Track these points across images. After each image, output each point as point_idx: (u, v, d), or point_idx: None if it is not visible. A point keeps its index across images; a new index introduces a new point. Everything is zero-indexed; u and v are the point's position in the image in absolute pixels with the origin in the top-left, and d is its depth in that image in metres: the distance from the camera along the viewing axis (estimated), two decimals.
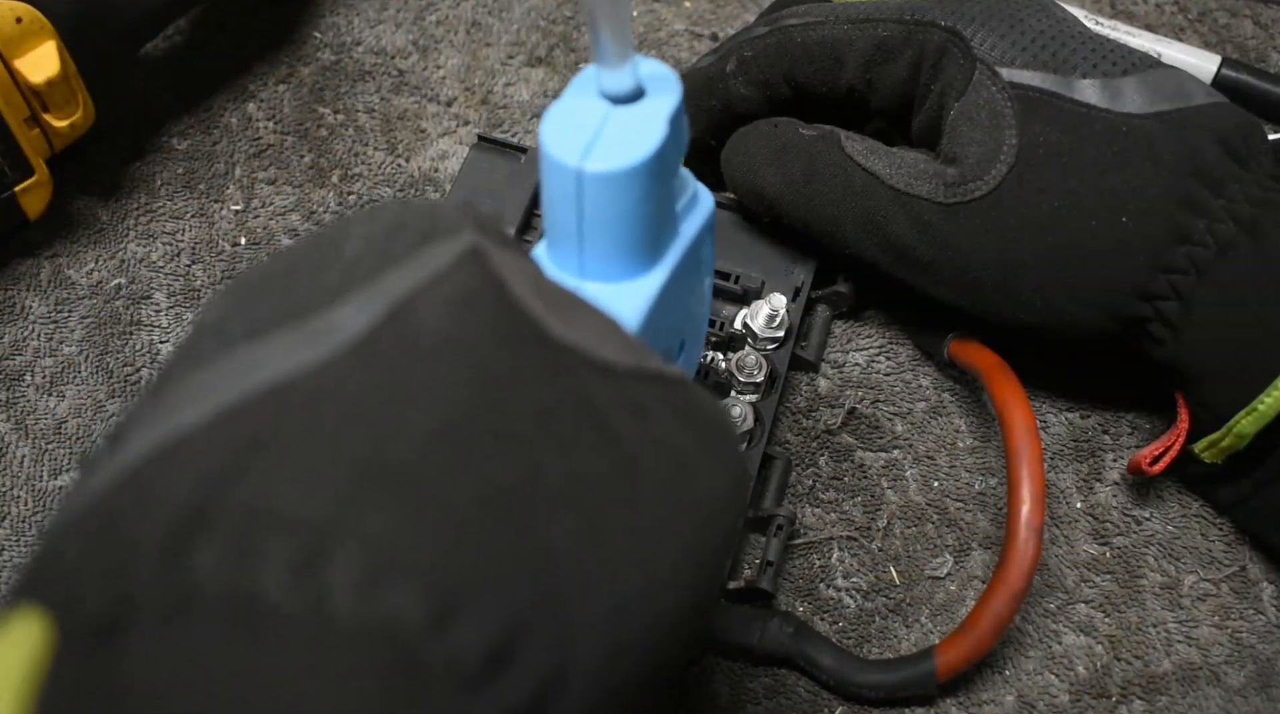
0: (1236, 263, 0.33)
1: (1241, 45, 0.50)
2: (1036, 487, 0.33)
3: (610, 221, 0.26)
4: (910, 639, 0.37)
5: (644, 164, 0.25)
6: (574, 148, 0.25)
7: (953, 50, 0.36)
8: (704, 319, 0.33)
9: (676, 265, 0.28)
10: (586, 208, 0.26)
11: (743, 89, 0.40)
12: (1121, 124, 0.35)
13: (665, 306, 0.28)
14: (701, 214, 0.29)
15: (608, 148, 0.25)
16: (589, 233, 0.26)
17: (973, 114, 0.36)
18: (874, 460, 0.40)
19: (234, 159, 0.45)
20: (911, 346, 0.42)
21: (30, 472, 0.39)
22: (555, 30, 0.49)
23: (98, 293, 0.42)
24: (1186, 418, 0.36)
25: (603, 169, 0.25)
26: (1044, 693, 0.36)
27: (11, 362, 0.41)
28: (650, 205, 0.26)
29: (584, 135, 0.25)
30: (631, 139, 0.25)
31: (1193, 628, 0.37)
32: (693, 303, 0.31)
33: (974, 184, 0.35)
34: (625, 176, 0.25)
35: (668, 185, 0.27)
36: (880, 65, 0.38)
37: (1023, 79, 0.35)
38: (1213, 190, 0.34)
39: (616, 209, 0.26)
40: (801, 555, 0.38)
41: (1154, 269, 0.34)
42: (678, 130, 0.26)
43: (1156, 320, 0.35)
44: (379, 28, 0.49)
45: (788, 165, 0.38)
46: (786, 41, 0.39)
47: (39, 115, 0.39)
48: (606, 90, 0.26)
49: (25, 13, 0.37)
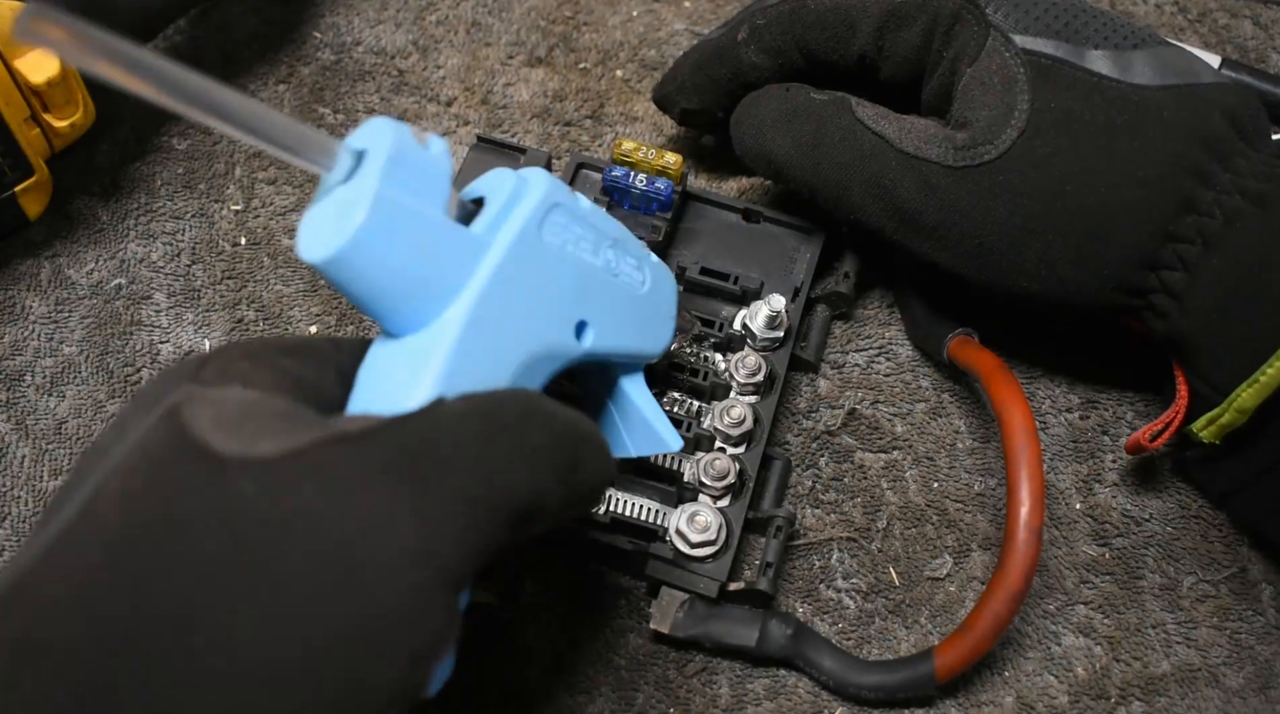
0: (1243, 234, 0.33)
1: (1241, 46, 0.50)
2: (1036, 488, 0.33)
3: (369, 291, 0.26)
4: (910, 640, 0.37)
5: (354, 239, 0.25)
6: (309, 243, 0.26)
7: (966, 16, 0.36)
8: (639, 283, 0.32)
9: (490, 279, 0.27)
10: (344, 287, 0.26)
11: (754, 57, 0.40)
12: (1132, 94, 0.35)
13: (494, 319, 0.27)
14: (529, 204, 0.28)
15: (328, 233, 0.25)
16: (365, 304, 0.27)
17: (985, 79, 0.36)
18: (874, 461, 0.40)
19: (234, 159, 0.45)
20: (911, 347, 0.42)
21: (30, 472, 0.39)
22: (555, 30, 0.49)
23: (98, 293, 0.42)
24: (1185, 393, 0.36)
25: (322, 257, 0.25)
26: (1043, 694, 0.36)
27: (12, 362, 0.41)
28: (395, 260, 0.26)
29: (319, 228, 0.26)
30: (346, 216, 0.25)
31: (1192, 629, 0.37)
32: (567, 285, 0.30)
33: (984, 148, 0.35)
34: (342, 257, 0.25)
35: (415, 228, 0.26)
36: (894, 32, 0.38)
37: (1036, 46, 0.35)
38: (1221, 163, 0.34)
39: (364, 280, 0.26)
40: (801, 556, 0.38)
41: (1161, 238, 0.34)
42: (409, 175, 0.26)
43: (1161, 291, 0.35)
44: (379, 28, 0.49)
45: (797, 128, 0.38)
46: (801, 8, 0.39)
47: (39, 115, 0.39)
48: (329, 180, 0.26)
49: None
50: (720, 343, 0.39)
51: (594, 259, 0.31)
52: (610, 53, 0.49)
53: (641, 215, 0.41)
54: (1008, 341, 0.38)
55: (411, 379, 0.26)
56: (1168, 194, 0.34)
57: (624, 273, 0.32)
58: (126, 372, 0.41)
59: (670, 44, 0.49)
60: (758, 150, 0.40)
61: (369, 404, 0.27)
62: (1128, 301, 0.36)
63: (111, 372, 0.41)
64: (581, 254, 0.30)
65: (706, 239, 0.42)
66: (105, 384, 0.40)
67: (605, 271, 0.31)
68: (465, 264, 0.27)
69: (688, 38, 0.49)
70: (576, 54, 0.49)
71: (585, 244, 0.30)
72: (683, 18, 0.50)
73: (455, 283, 0.27)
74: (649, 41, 0.49)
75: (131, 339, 0.41)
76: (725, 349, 0.40)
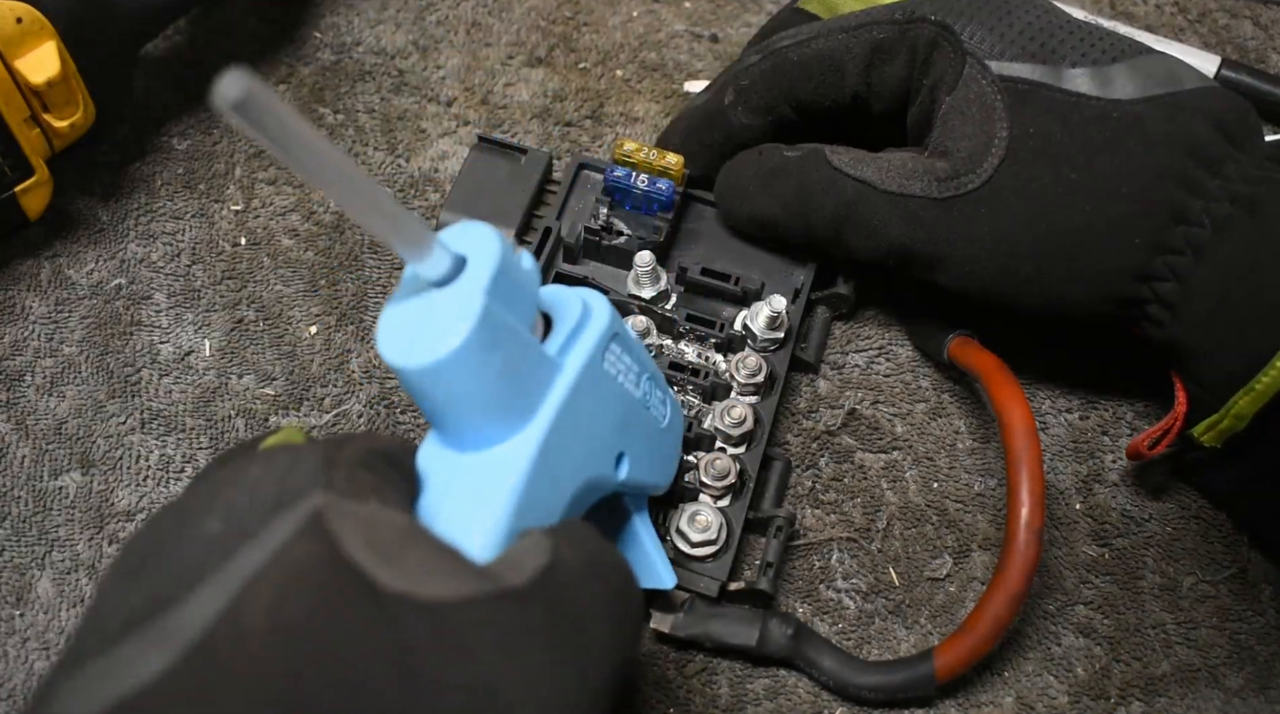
0: (1233, 243, 0.33)
1: (1241, 46, 0.50)
2: (1036, 489, 0.33)
3: (451, 403, 0.26)
4: (910, 640, 0.37)
5: (458, 350, 0.24)
6: (399, 345, 0.25)
7: (943, 44, 0.36)
8: (662, 417, 0.33)
9: (563, 405, 0.27)
10: (426, 395, 0.26)
11: (744, 119, 0.40)
12: (1112, 110, 0.35)
13: (561, 446, 0.27)
14: (596, 330, 0.28)
15: (425, 339, 0.25)
16: (440, 414, 0.26)
17: (963, 108, 0.36)
18: (874, 462, 0.40)
19: (234, 159, 0.45)
20: (911, 348, 0.42)
21: (30, 472, 0.39)
22: (555, 30, 0.49)
23: (98, 293, 0.42)
24: (1184, 400, 0.36)
25: (418, 364, 0.25)
26: (1043, 694, 0.36)
27: (12, 362, 0.41)
28: (488, 375, 0.25)
29: (408, 328, 0.25)
30: (447, 325, 0.25)
31: (1192, 629, 0.37)
32: (616, 415, 0.30)
33: (966, 178, 0.35)
34: (440, 367, 0.25)
35: (510, 345, 0.26)
36: (880, 67, 0.38)
37: (1012, 71, 0.36)
38: (1209, 170, 0.34)
39: (451, 392, 0.25)
40: (801, 557, 0.38)
41: (1151, 250, 0.34)
42: (507, 290, 0.25)
43: (1154, 302, 0.35)
44: (379, 28, 0.49)
45: (779, 188, 0.39)
46: (782, 62, 0.39)
47: (39, 115, 0.39)
48: (425, 277, 0.25)
49: (25, 13, 0.37)
50: (721, 343, 0.39)
51: (635, 391, 0.31)
52: (610, 53, 0.49)
53: (643, 216, 0.41)
54: (1008, 342, 0.38)
55: (490, 505, 0.26)
56: (1154, 207, 0.34)
57: (653, 406, 0.32)
58: (126, 372, 0.41)
59: (670, 45, 0.49)
60: (747, 216, 0.40)
61: (448, 524, 0.26)
62: (1123, 312, 0.36)
63: (111, 372, 0.40)
64: (628, 385, 0.30)
65: (708, 240, 0.42)
66: (105, 384, 0.40)
67: (641, 404, 0.31)
68: (543, 386, 0.27)
69: (688, 39, 0.49)
70: (577, 54, 0.49)
71: (631, 375, 0.30)
72: (683, 18, 0.50)
73: (533, 404, 0.27)
74: (649, 42, 0.49)
75: (131, 339, 0.41)
76: (726, 349, 0.40)
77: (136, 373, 0.41)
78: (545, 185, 0.43)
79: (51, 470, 0.39)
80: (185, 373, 0.41)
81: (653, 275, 0.39)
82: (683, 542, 0.36)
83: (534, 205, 0.42)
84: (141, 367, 0.41)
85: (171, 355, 0.41)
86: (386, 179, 0.45)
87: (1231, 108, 0.35)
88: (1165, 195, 0.34)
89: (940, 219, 0.36)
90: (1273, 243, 0.33)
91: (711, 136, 0.41)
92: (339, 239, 0.44)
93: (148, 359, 0.41)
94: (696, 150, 0.41)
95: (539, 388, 0.27)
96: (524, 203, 0.42)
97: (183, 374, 0.41)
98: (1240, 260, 0.33)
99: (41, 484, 0.38)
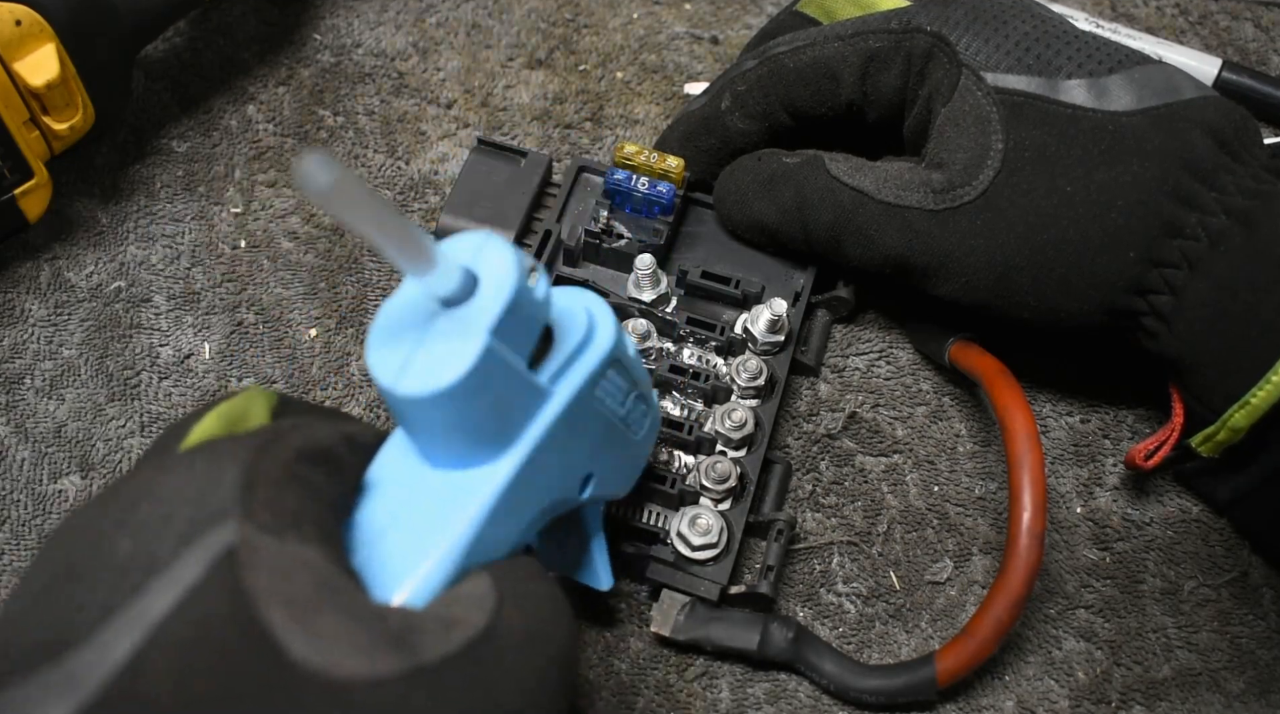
0: (1229, 255, 0.33)
1: (1242, 48, 0.50)
2: (1038, 493, 0.33)
3: (428, 426, 0.25)
4: (910, 644, 0.37)
5: (455, 386, 0.23)
6: (390, 361, 0.24)
7: (939, 55, 0.36)
8: (639, 431, 0.31)
9: (543, 436, 0.26)
10: (403, 415, 0.25)
11: (740, 124, 0.40)
12: (1108, 122, 0.35)
13: (532, 476, 0.26)
14: (595, 357, 0.27)
15: (416, 365, 0.24)
16: (414, 432, 0.25)
17: (959, 120, 0.36)
18: (874, 465, 0.40)
19: (234, 161, 0.45)
20: (912, 351, 0.42)
21: (30, 475, 0.38)
22: (555, 33, 0.49)
23: (97, 296, 0.42)
24: (1181, 412, 0.36)
25: (403, 392, 0.23)
26: (1044, 698, 0.36)
27: (11, 365, 0.40)
28: (473, 411, 0.24)
29: (401, 344, 0.24)
30: (442, 356, 0.23)
31: (1193, 633, 0.37)
32: (595, 439, 0.29)
33: (962, 190, 0.35)
34: (437, 399, 0.23)
35: (504, 384, 0.25)
36: (874, 76, 0.38)
37: (1008, 83, 0.36)
38: (1205, 183, 0.34)
39: (431, 419, 0.24)
40: (802, 560, 0.38)
41: (1146, 263, 0.34)
42: (513, 326, 0.24)
43: (1150, 314, 0.35)
44: (379, 30, 0.49)
45: (778, 194, 0.39)
46: (779, 69, 0.39)
47: (38, 118, 0.39)
48: (433, 294, 0.24)
49: (25, 15, 0.37)
50: (721, 346, 0.39)
51: (620, 410, 0.30)
52: (611, 55, 0.49)
53: (643, 219, 0.41)
54: (1009, 345, 0.38)
55: (444, 536, 0.25)
56: (1149, 220, 0.34)
57: (633, 423, 0.31)
58: (126, 375, 0.40)
59: (670, 47, 0.49)
60: (746, 222, 0.40)
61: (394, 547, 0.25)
62: (1119, 324, 0.36)
63: (111, 374, 0.40)
64: (613, 405, 0.29)
65: (708, 243, 0.42)
66: (105, 387, 0.40)
67: (622, 423, 0.30)
68: (527, 415, 0.26)
69: (688, 40, 0.49)
70: (577, 56, 0.49)
71: (619, 395, 0.29)
72: (683, 20, 0.50)
73: (513, 433, 0.26)
74: (649, 44, 0.49)
75: (131, 342, 0.41)
76: (726, 353, 0.40)
77: (136, 376, 0.41)
78: (545, 188, 0.43)
79: (51, 473, 0.39)
80: (185, 376, 0.41)
81: (653, 278, 0.39)
82: (683, 545, 0.35)
83: (534, 208, 0.42)
84: (141, 369, 0.41)
85: (171, 358, 0.41)
86: (386, 182, 0.45)
87: (1229, 119, 0.35)
88: (1160, 208, 0.34)
89: (936, 231, 0.36)
90: (1267, 257, 0.33)
91: (709, 141, 0.41)
92: (339, 242, 0.44)
93: (147, 362, 0.41)
94: (693, 155, 0.41)
95: (523, 417, 0.26)
96: (524, 205, 0.42)
97: (182, 377, 0.41)
98: (1235, 274, 0.33)
99: (41, 487, 0.38)
